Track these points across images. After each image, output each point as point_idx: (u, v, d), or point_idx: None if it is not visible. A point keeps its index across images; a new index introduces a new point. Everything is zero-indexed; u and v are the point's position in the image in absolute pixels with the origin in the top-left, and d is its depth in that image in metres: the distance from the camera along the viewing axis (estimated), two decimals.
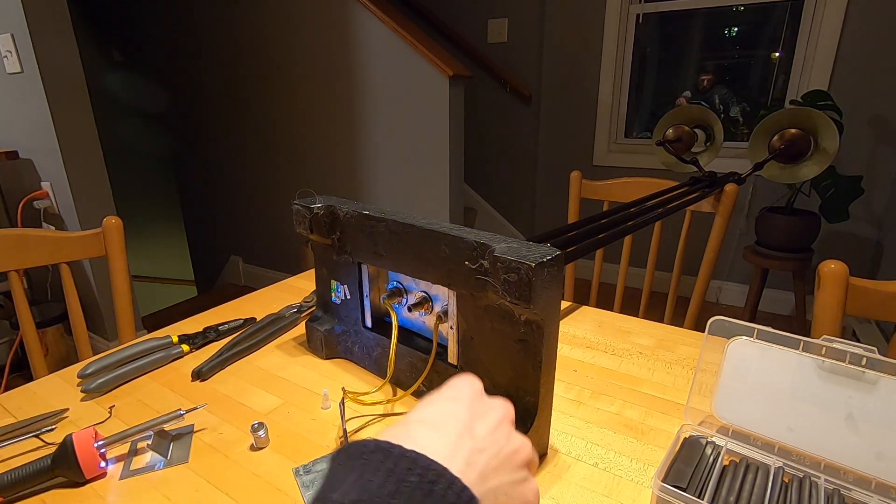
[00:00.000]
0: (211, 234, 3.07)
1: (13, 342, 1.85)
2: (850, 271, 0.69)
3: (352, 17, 2.01)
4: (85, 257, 0.91)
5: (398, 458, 0.23)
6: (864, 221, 2.20)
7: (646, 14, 2.52)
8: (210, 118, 2.71)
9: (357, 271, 0.59)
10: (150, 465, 0.46)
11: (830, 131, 1.17)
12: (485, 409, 0.30)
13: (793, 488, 0.40)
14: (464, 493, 0.23)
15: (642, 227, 0.84)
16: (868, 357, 0.39)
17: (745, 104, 2.48)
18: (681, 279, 1.14)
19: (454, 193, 2.04)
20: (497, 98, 2.85)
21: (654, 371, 0.62)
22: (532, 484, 0.30)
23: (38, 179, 1.85)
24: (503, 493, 0.27)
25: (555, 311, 0.42)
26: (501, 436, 0.29)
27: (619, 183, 1.24)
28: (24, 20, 1.59)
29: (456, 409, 0.29)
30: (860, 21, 2.03)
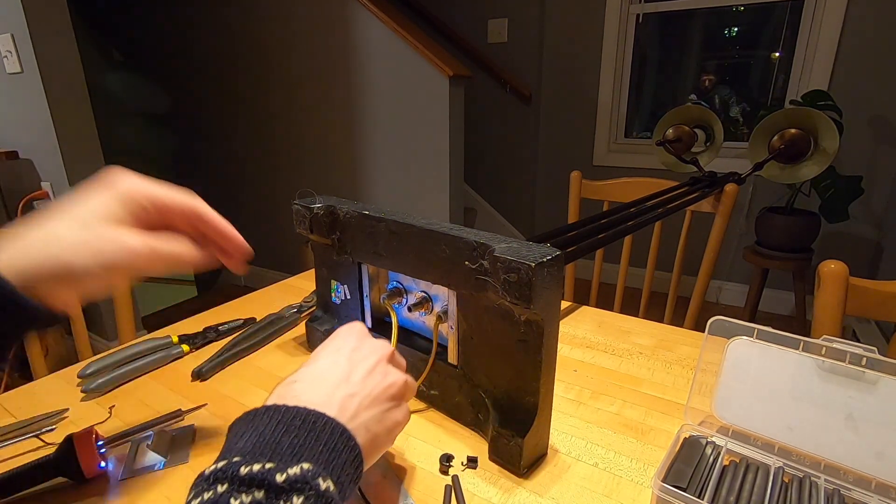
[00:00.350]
0: None
1: None
2: (849, 271, 0.69)
3: (352, 17, 2.01)
4: None
5: (284, 411, 0.29)
6: (864, 221, 2.21)
7: (646, 14, 2.52)
8: (210, 118, 2.71)
9: (357, 271, 0.59)
10: (150, 465, 0.46)
11: (830, 131, 1.17)
12: (363, 356, 0.36)
13: (793, 488, 0.40)
14: (337, 427, 0.30)
15: (642, 227, 0.84)
16: (868, 357, 0.39)
17: (745, 104, 2.48)
18: (681, 279, 1.14)
19: (454, 193, 2.04)
20: (497, 98, 2.85)
21: (654, 371, 0.63)
22: (401, 410, 0.37)
23: (38, 179, 1.85)
24: (375, 421, 0.34)
25: (555, 311, 0.42)
26: (375, 378, 0.35)
27: (618, 183, 1.24)
28: (24, 20, 1.59)
29: (336, 361, 0.35)
30: (860, 21, 2.03)
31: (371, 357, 0.37)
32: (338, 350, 0.37)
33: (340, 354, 0.36)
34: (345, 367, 0.35)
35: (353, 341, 0.38)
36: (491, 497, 0.43)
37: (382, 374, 0.36)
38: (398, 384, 0.37)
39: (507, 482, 0.44)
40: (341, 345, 0.37)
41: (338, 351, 0.37)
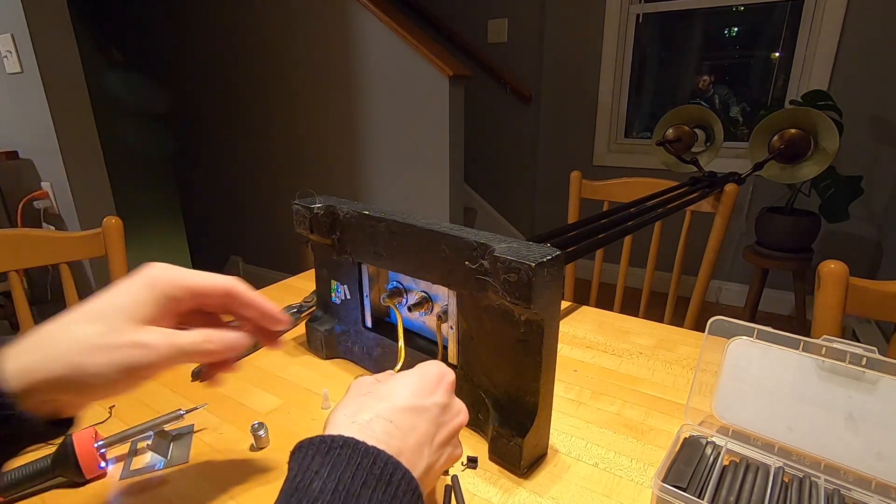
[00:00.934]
0: (211, 234, 3.07)
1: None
2: (850, 271, 0.69)
3: (352, 17, 2.01)
4: (85, 257, 0.91)
5: (364, 454, 0.28)
6: (864, 221, 2.20)
7: (646, 14, 2.52)
8: (210, 118, 2.71)
9: (357, 271, 0.59)
10: (150, 465, 0.46)
11: (830, 131, 1.17)
12: (449, 417, 0.35)
13: (793, 488, 0.40)
14: (416, 492, 0.28)
15: (642, 227, 0.84)
16: (868, 357, 0.39)
17: (745, 104, 2.48)
18: (681, 279, 1.14)
19: (454, 193, 2.04)
20: (497, 98, 2.85)
21: (654, 371, 0.62)
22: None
23: (38, 179, 1.85)
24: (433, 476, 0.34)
25: (555, 311, 0.42)
26: (448, 449, 0.35)
27: (618, 183, 1.24)
28: (24, 20, 1.59)
29: (423, 420, 0.33)
30: (860, 21, 2.03)
31: (454, 421, 0.36)
32: (423, 407, 0.34)
33: (426, 414, 0.33)
34: (428, 429, 0.33)
35: (442, 397, 0.35)
36: (491, 497, 0.43)
37: (454, 446, 0.36)
38: (459, 449, 0.37)
39: (507, 482, 0.44)
40: (428, 399, 0.34)
41: (423, 409, 0.34)
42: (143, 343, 0.30)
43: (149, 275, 0.32)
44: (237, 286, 0.35)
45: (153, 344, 0.30)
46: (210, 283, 0.34)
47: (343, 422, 0.31)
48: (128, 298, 0.31)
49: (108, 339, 0.29)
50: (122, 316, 0.30)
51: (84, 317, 0.29)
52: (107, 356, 0.29)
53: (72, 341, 0.28)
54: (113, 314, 0.30)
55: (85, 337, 0.29)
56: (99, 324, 0.29)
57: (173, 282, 0.32)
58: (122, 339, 0.29)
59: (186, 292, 0.33)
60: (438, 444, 0.34)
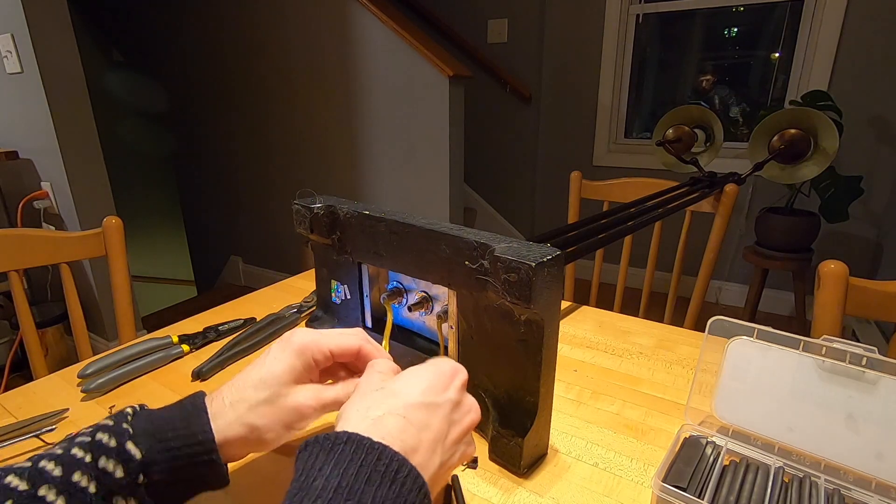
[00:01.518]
0: (211, 234, 3.07)
1: (13, 342, 1.85)
2: (849, 271, 0.69)
3: (352, 17, 2.01)
4: (85, 257, 0.91)
5: (368, 449, 0.27)
6: (864, 221, 2.21)
7: (646, 14, 2.52)
8: (210, 118, 2.71)
9: (357, 271, 0.59)
10: None
11: (830, 131, 1.17)
12: (461, 415, 0.35)
13: (793, 488, 0.40)
14: (422, 490, 0.28)
15: (642, 228, 0.84)
16: (868, 357, 0.39)
17: (744, 104, 2.48)
18: (681, 279, 1.14)
19: (454, 194, 2.04)
20: (497, 98, 2.85)
21: (654, 371, 0.63)
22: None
23: (38, 179, 1.85)
24: (443, 474, 0.33)
25: (555, 310, 0.42)
26: (461, 447, 0.35)
27: (618, 183, 1.24)
28: (24, 20, 1.59)
29: (436, 417, 0.33)
30: (860, 21, 2.03)
31: (466, 419, 0.35)
32: (437, 402, 0.33)
33: (440, 410, 0.33)
34: (441, 427, 0.33)
35: (454, 393, 0.35)
36: (491, 497, 0.43)
37: (468, 441, 0.36)
38: (473, 446, 0.37)
39: (507, 482, 0.44)
40: (442, 394, 0.34)
41: (437, 404, 0.33)
42: (299, 405, 0.37)
43: (296, 342, 0.39)
44: (362, 345, 0.41)
45: (306, 405, 0.37)
46: (345, 344, 0.40)
47: (355, 417, 0.31)
48: (283, 366, 0.37)
49: (274, 403, 0.36)
50: (280, 381, 0.37)
51: (253, 384, 0.36)
52: (273, 416, 0.36)
53: (248, 406, 0.35)
54: (273, 381, 0.37)
55: (257, 403, 0.36)
56: (265, 391, 0.36)
57: (317, 347, 0.39)
58: (283, 403, 0.36)
59: (326, 355, 0.39)
60: (452, 442, 0.33)
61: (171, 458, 0.32)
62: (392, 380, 0.35)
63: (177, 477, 0.33)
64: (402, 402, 0.32)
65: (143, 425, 0.33)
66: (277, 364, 0.37)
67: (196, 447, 0.33)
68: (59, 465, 0.30)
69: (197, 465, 0.33)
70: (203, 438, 0.33)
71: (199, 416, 0.34)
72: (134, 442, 0.32)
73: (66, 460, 0.30)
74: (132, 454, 0.31)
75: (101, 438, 0.31)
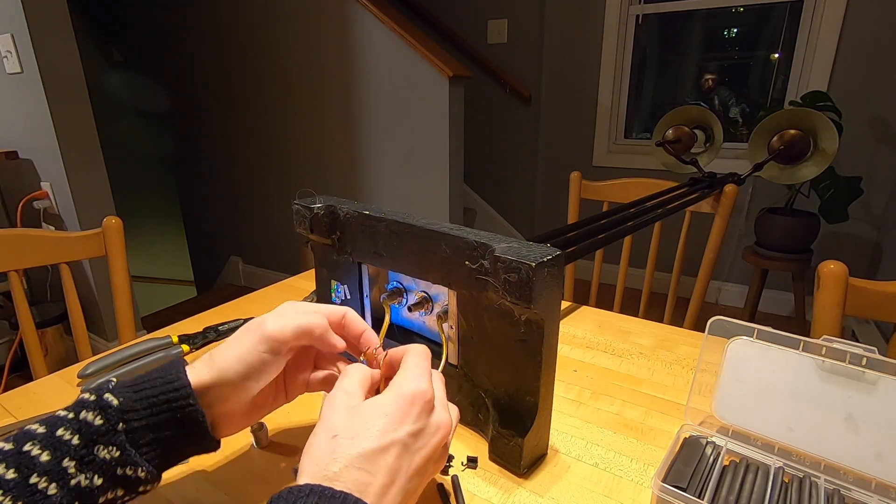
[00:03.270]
0: (211, 234, 3.07)
1: (13, 342, 1.85)
2: (849, 272, 0.69)
3: (351, 17, 2.02)
4: (85, 257, 0.91)
5: (331, 498, 0.28)
6: (864, 222, 2.21)
7: (645, 15, 2.52)
8: (210, 118, 2.71)
9: (357, 271, 0.59)
10: None
11: (830, 132, 1.17)
12: (424, 441, 0.33)
13: (793, 488, 0.40)
14: None
15: (642, 228, 0.84)
16: (868, 357, 0.39)
17: (744, 105, 2.49)
18: (680, 280, 1.14)
19: (454, 194, 2.04)
20: (497, 98, 2.85)
21: (654, 371, 0.63)
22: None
23: (37, 179, 1.85)
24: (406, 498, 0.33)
25: (555, 310, 0.42)
26: (430, 462, 0.34)
27: (618, 183, 1.24)
28: (24, 20, 1.59)
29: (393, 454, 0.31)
30: (860, 21, 2.04)
31: (432, 441, 0.34)
32: (404, 428, 0.32)
33: (403, 441, 0.32)
34: (402, 461, 0.32)
35: (417, 423, 0.33)
36: (491, 497, 0.43)
37: (435, 461, 0.35)
38: (442, 463, 0.37)
39: (507, 482, 0.44)
40: (407, 424, 0.33)
41: (403, 430, 0.32)
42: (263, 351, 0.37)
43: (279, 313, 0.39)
44: (349, 312, 0.42)
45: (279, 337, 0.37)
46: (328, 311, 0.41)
47: (314, 473, 0.30)
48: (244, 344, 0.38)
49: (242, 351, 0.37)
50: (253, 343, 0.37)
51: (228, 345, 0.37)
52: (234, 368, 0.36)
53: (222, 356, 0.37)
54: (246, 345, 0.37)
55: (230, 352, 0.37)
56: (236, 346, 0.37)
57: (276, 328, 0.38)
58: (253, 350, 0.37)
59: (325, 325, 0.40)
60: (413, 473, 0.32)
61: (149, 405, 0.33)
62: (350, 415, 0.33)
63: (158, 423, 0.33)
64: (357, 450, 0.31)
65: (123, 382, 0.34)
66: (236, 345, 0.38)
67: (171, 393, 0.34)
68: (43, 424, 0.32)
69: (175, 410, 0.34)
70: (178, 385, 0.34)
71: (173, 367, 0.35)
72: (112, 393, 0.33)
73: (49, 421, 0.32)
74: (109, 401, 0.32)
75: (83, 397, 0.33)
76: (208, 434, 0.36)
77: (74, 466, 0.30)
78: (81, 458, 0.31)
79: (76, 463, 0.31)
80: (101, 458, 0.31)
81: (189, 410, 0.34)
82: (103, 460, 0.31)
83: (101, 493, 0.31)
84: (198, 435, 0.35)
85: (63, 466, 0.30)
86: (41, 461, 0.30)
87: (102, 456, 0.31)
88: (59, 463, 0.30)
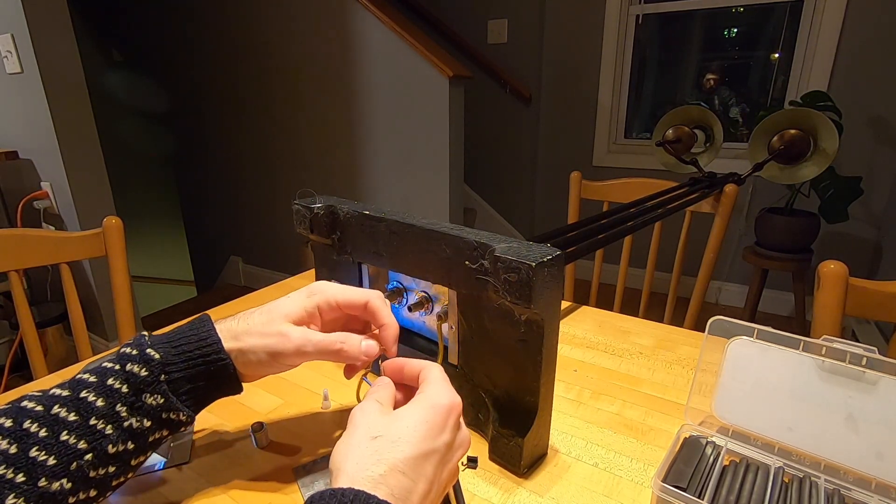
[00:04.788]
0: (211, 235, 3.07)
1: (13, 342, 1.85)
2: (849, 271, 0.69)
3: (352, 17, 2.02)
4: (85, 257, 0.91)
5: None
6: (864, 222, 2.21)
7: (645, 15, 2.52)
8: (210, 118, 2.71)
9: (357, 271, 0.59)
10: (150, 465, 0.46)
11: (830, 132, 1.17)
12: (452, 454, 0.35)
13: (793, 488, 0.40)
14: None
15: (642, 228, 0.84)
16: (868, 357, 0.39)
17: (744, 105, 2.49)
18: (680, 280, 1.14)
19: (454, 194, 2.04)
20: (497, 98, 2.85)
21: (654, 371, 0.63)
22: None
23: (37, 179, 1.85)
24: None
25: (555, 310, 0.42)
26: (452, 473, 0.35)
27: (618, 183, 1.24)
28: (24, 20, 1.59)
29: (431, 463, 0.33)
30: (860, 21, 2.04)
31: (456, 455, 0.35)
32: (441, 439, 0.33)
33: (440, 452, 0.33)
34: (438, 470, 0.33)
35: (451, 434, 0.34)
36: (491, 497, 0.43)
37: (452, 474, 0.36)
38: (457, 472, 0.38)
39: (507, 482, 0.44)
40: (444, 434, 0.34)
41: (441, 441, 0.33)
42: (284, 333, 0.39)
43: (310, 288, 0.43)
44: (373, 300, 0.43)
45: (291, 335, 0.39)
46: (354, 295, 0.43)
47: (356, 473, 0.30)
48: (288, 302, 0.42)
49: (264, 327, 0.40)
50: (281, 313, 0.40)
51: (258, 311, 0.41)
52: (259, 339, 0.39)
53: (246, 326, 0.40)
54: (275, 311, 0.41)
55: (250, 324, 0.40)
56: (264, 315, 0.40)
57: (325, 293, 0.42)
58: (272, 329, 0.40)
59: (334, 302, 0.42)
60: (442, 484, 0.34)
61: (186, 360, 0.38)
62: (390, 421, 0.33)
63: (194, 375, 0.38)
64: (402, 454, 0.31)
65: (158, 338, 0.39)
66: (285, 300, 0.42)
67: (206, 349, 0.38)
68: (93, 374, 0.36)
69: (209, 363, 0.38)
70: (210, 341, 0.39)
71: (203, 325, 0.40)
72: (153, 349, 0.37)
73: (99, 371, 0.36)
74: (152, 356, 0.37)
75: (124, 351, 0.37)
76: (237, 382, 0.41)
77: (126, 411, 0.35)
78: (132, 405, 0.36)
79: (127, 408, 0.35)
80: (149, 405, 0.36)
81: (221, 364, 0.39)
82: (150, 406, 0.36)
83: (151, 433, 0.36)
84: (228, 384, 0.40)
85: (117, 411, 0.35)
86: (97, 406, 0.35)
87: (150, 403, 0.36)
88: (113, 408, 0.35)
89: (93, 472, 0.34)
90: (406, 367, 0.39)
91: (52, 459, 0.32)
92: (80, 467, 0.33)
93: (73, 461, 0.33)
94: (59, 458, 0.32)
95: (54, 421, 0.33)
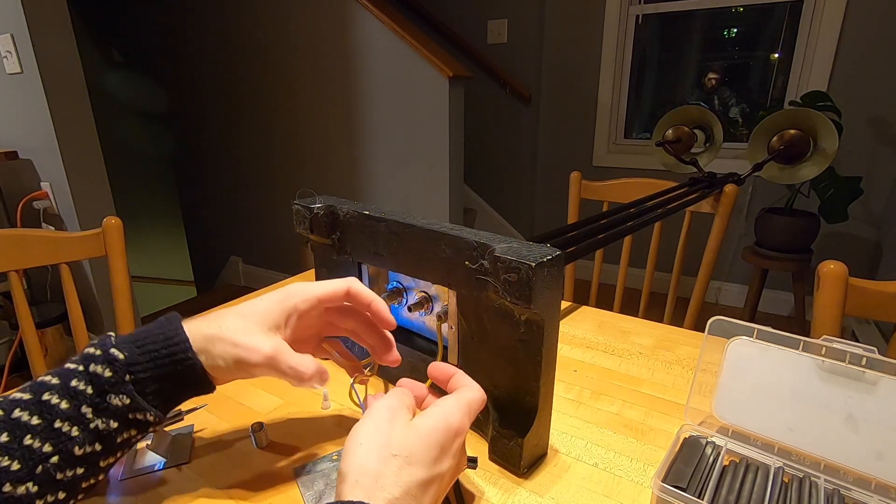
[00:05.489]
0: (211, 235, 3.07)
1: (13, 342, 1.85)
2: (849, 271, 0.69)
3: (351, 17, 2.02)
4: (85, 257, 0.91)
5: None
6: (863, 222, 2.21)
7: (645, 15, 2.52)
8: (209, 118, 2.71)
9: (357, 271, 0.59)
10: (150, 465, 0.46)
11: (830, 132, 1.17)
12: (452, 475, 0.36)
13: (793, 488, 0.40)
14: None
15: (642, 228, 0.84)
16: (868, 357, 0.39)
17: (744, 105, 2.49)
18: (680, 280, 1.14)
19: (454, 194, 2.04)
20: (497, 99, 2.85)
21: (654, 371, 0.63)
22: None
23: (37, 179, 1.85)
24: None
25: (555, 310, 0.42)
26: (443, 491, 0.36)
27: (618, 183, 1.24)
28: (24, 20, 1.59)
29: (436, 485, 0.34)
30: (860, 21, 2.04)
31: (455, 475, 0.37)
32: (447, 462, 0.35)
33: (445, 475, 0.35)
34: (440, 492, 0.35)
35: (457, 457, 0.36)
36: (491, 497, 0.43)
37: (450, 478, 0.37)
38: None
39: (507, 482, 0.44)
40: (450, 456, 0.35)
41: (447, 464, 0.35)
42: (255, 348, 0.38)
43: (285, 290, 0.41)
44: (353, 284, 0.42)
45: (262, 349, 0.38)
46: (333, 286, 0.42)
47: (372, 489, 0.31)
48: (263, 306, 0.40)
49: (236, 335, 0.38)
50: (255, 320, 0.39)
51: (232, 314, 0.40)
52: (230, 348, 0.38)
53: (216, 329, 0.38)
54: (250, 316, 0.39)
55: (223, 329, 0.38)
56: (238, 321, 0.39)
57: (302, 294, 0.41)
58: (244, 340, 0.38)
59: (312, 300, 0.41)
60: (436, 500, 0.35)
61: (152, 359, 0.36)
62: (408, 437, 0.34)
63: (161, 375, 0.37)
64: (416, 479, 0.32)
65: (124, 338, 0.37)
66: (262, 304, 0.40)
67: (172, 347, 0.37)
68: (55, 376, 0.35)
69: (176, 363, 0.37)
70: (177, 340, 0.37)
71: (170, 324, 0.38)
72: (117, 348, 0.36)
73: (61, 373, 0.36)
74: (116, 356, 0.36)
75: (88, 352, 0.36)
76: (208, 382, 0.39)
77: (91, 412, 0.34)
78: (97, 406, 0.35)
79: (92, 409, 0.34)
80: (114, 406, 0.35)
81: (188, 364, 0.37)
82: (116, 407, 0.35)
83: (118, 434, 0.36)
84: (197, 383, 0.38)
85: (82, 412, 0.34)
86: (62, 408, 0.34)
87: (115, 403, 0.35)
88: (79, 409, 0.34)
89: (60, 475, 0.33)
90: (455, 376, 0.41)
91: (15, 464, 0.32)
92: (46, 470, 0.33)
93: (38, 465, 0.32)
94: (22, 463, 0.32)
95: (15, 425, 0.32)
